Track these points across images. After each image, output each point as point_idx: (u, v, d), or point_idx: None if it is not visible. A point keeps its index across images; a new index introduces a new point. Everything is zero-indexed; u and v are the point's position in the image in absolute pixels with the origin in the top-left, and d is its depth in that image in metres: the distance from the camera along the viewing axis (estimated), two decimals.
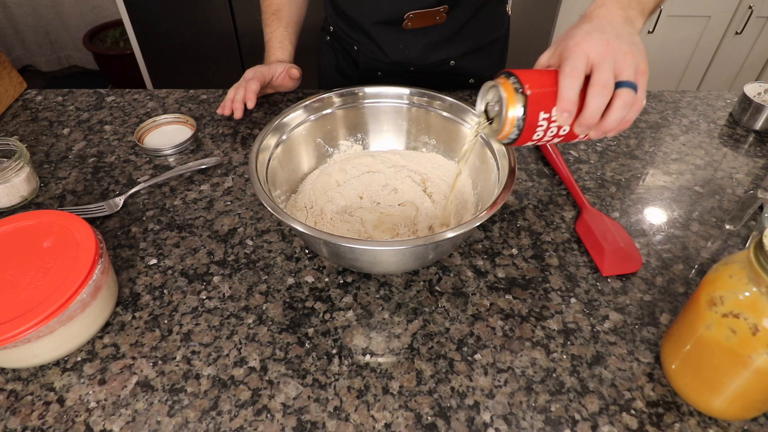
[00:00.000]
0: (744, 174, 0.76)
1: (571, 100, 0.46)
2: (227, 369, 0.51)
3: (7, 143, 0.70)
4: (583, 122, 0.47)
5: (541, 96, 0.47)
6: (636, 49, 0.47)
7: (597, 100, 0.45)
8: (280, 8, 0.92)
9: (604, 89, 0.45)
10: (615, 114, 0.46)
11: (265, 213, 0.68)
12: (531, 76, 0.47)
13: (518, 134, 0.49)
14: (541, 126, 0.48)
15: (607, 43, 0.46)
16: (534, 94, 0.46)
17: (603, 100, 0.45)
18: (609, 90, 0.45)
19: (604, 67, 0.45)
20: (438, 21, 0.85)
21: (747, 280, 0.41)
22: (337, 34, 0.97)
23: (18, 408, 0.47)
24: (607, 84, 0.45)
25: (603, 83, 0.45)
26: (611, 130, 0.48)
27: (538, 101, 0.47)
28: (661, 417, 0.47)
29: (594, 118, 0.46)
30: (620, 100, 0.46)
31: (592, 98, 0.45)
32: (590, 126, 0.47)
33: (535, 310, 0.56)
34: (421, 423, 0.47)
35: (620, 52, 0.46)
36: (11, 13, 2.38)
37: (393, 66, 0.92)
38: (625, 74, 0.46)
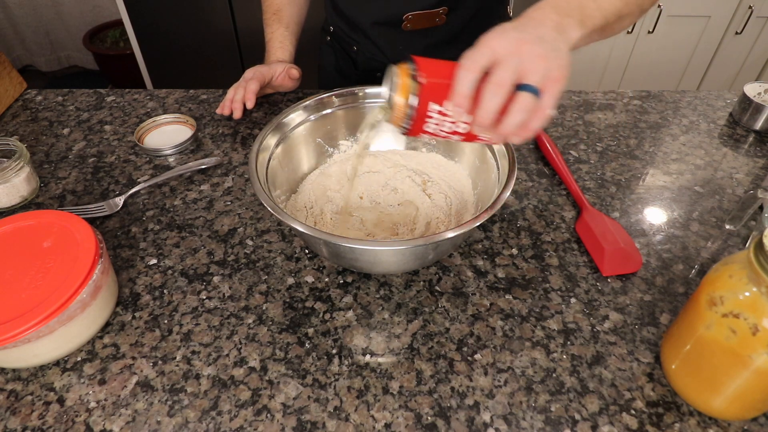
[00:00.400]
0: (744, 174, 0.76)
1: (463, 94, 0.43)
2: (227, 369, 0.51)
3: (7, 143, 0.70)
4: (477, 121, 0.44)
5: (434, 86, 0.44)
6: (554, 56, 0.44)
7: (490, 99, 0.42)
8: (280, 8, 0.92)
9: (499, 88, 0.42)
10: (511, 118, 0.43)
11: (265, 213, 0.68)
12: (431, 65, 0.45)
13: (409, 123, 0.46)
14: (433, 119, 0.46)
15: (519, 42, 0.43)
16: (428, 84, 0.44)
17: (497, 99, 0.42)
18: (504, 90, 0.42)
19: (505, 66, 0.42)
20: (438, 23, 0.85)
21: (747, 280, 0.41)
22: (336, 35, 0.97)
23: (18, 408, 0.47)
24: (503, 83, 0.42)
25: (498, 82, 0.42)
26: (509, 134, 0.45)
27: (430, 91, 0.44)
28: (661, 417, 0.47)
29: (488, 117, 0.43)
30: (517, 103, 0.43)
31: (485, 96, 0.43)
32: (485, 126, 0.44)
33: (535, 310, 0.56)
34: (421, 423, 0.47)
35: (531, 55, 0.43)
36: (11, 13, 2.38)
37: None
38: (530, 78, 0.43)
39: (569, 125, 0.85)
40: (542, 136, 0.79)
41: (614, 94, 0.94)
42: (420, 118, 0.46)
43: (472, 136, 0.48)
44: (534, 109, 0.43)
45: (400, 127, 0.48)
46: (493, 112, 0.43)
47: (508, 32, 0.44)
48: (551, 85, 0.43)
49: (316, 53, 1.07)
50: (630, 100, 0.92)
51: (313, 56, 1.08)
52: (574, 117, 0.87)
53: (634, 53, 1.91)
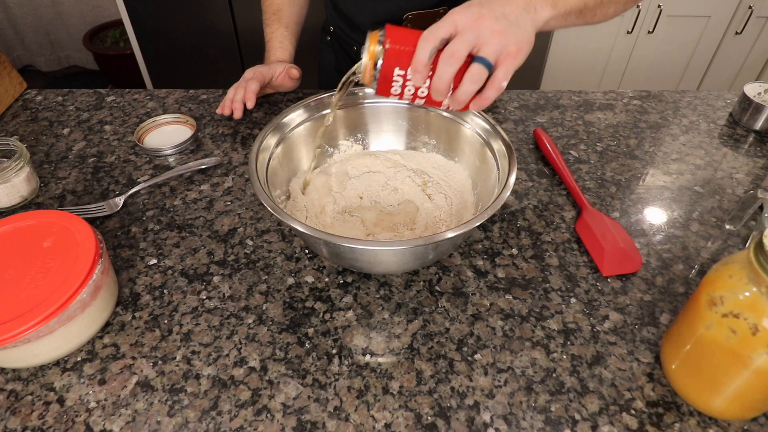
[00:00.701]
0: (744, 174, 0.76)
1: (421, 62, 0.47)
2: (227, 369, 0.51)
3: (7, 143, 0.70)
4: (434, 87, 0.49)
5: (397, 52, 0.49)
6: (513, 32, 0.47)
7: (443, 68, 0.47)
8: (280, 8, 0.92)
9: (451, 58, 0.46)
10: (463, 86, 0.48)
11: (265, 213, 0.68)
12: (397, 33, 0.50)
13: (375, 84, 0.51)
14: (397, 81, 0.51)
15: (478, 17, 0.47)
16: (391, 49, 0.49)
17: (449, 68, 0.47)
18: (456, 60, 0.47)
19: (461, 38, 0.47)
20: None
21: (747, 280, 0.41)
22: (337, 35, 0.97)
23: (18, 408, 0.47)
24: (455, 54, 0.46)
25: (451, 52, 0.47)
26: (464, 102, 0.49)
27: (393, 56, 0.49)
28: (661, 417, 0.47)
29: (442, 84, 0.48)
30: (469, 74, 0.47)
31: (440, 65, 0.47)
32: (441, 92, 0.49)
33: (535, 310, 0.56)
34: (421, 423, 0.47)
35: (488, 29, 0.46)
36: (11, 13, 2.39)
37: None
38: (484, 51, 0.47)
39: (569, 125, 0.85)
40: (542, 136, 0.79)
41: (614, 94, 0.94)
42: (385, 80, 0.51)
43: (433, 102, 0.52)
44: (484, 80, 0.47)
45: (370, 86, 0.53)
46: (446, 79, 0.48)
47: (472, 7, 0.48)
48: (506, 60, 0.47)
49: (316, 53, 1.07)
50: (630, 100, 0.92)
51: (313, 56, 1.08)
52: (574, 117, 0.87)
53: (634, 53, 1.91)
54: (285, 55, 0.91)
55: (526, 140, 0.82)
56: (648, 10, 1.78)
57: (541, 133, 0.79)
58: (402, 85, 0.51)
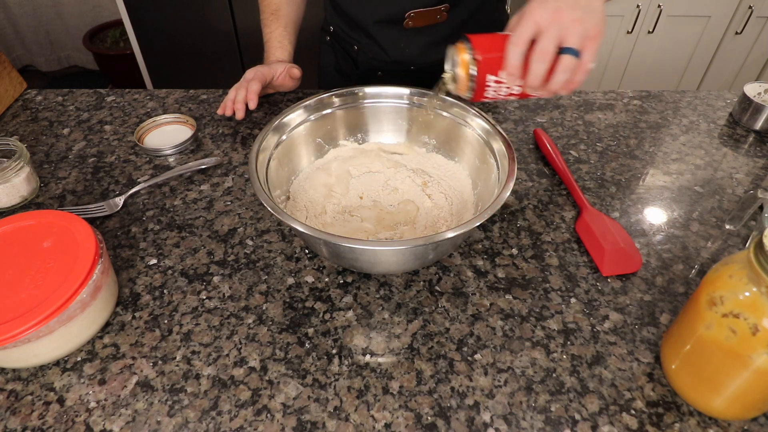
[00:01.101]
0: (744, 174, 0.76)
1: (514, 66, 0.52)
2: (227, 369, 0.51)
3: (7, 143, 0.70)
4: (529, 84, 0.53)
5: (489, 61, 0.53)
6: (589, 16, 0.50)
7: (537, 66, 0.51)
8: (279, 8, 0.92)
9: (544, 56, 0.50)
10: (557, 77, 0.51)
11: (265, 213, 0.68)
12: (483, 42, 0.54)
13: (472, 92, 0.56)
14: (491, 86, 0.55)
15: (556, 11, 0.50)
16: (483, 59, 0.53)
17: (543, 65, 0.51)
18: (548, 57, 0.50)
19: (547, 35, 0.50)
20: (439, 20, 0.85)
21: (747, 280, 0.41)
22: (337, 34, 0.97)
23: (18, 408, 0.47)
24: (546, 51, 0.50)
25: (542, 50, 0.50)
26: (556, 91, 0.53)
27: (486, 65, 0.53)
28: (661, 417, 0.47)
29: (537, 81, 0.52)
30: (561, 65, 0.51)
31: (533, 64, 0.51)
32: (536, 87, 0.53)
33: (535, 310, 0.56)
34: (421, 423, 0.47)
35: (568, 20, 0.50)
36: (11, 13, 2.38)
37: (393, 65, 0.92)
38: (570, 41, 0.50)
39: (569, 125, 0.85)
40: (542, 136, 0.79)
41: (614, 94, 0.94)
42: (480, 87, 0.55)
43: (525, 95, 0.57)
44: (576, 68, 0.51)
45: (465, 94, 0.57)
46: (541, 76, 0.51)
47: (547, 3, 0.51)
48: (589, 43, 0.51)
49: (315, 53, 1.07)
50: (630, 100, 0.92)
51: (313, 56, 1.08)
52: (574, 117, 0.87)
53: (634, 53, 1.91)
54: (284, 55, 0.91)
55: (526, 140, 0.82)
56: (648, 10, 1.78)
57: (541, 133, 0.79)
58: (496, 88, 0.55)
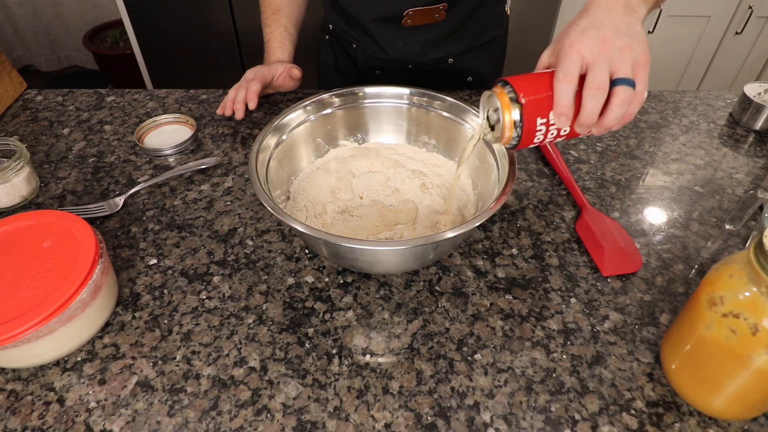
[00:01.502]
0: (744, 174, 0.76)
1: (566, 105, 0.46)
2: (227, 369, 0.51)
3: (7, 143, 0.70)
4: (581, 123, 0.47)
5: (536, 103, 0.47)
6: (635, 41, 0.46)
7: (592, 102, 0.46)
8: (280, 8, 0.92)
9: (598, 91, 0.45)
10: (613, 112, 0.46)
11: (265, 213, 0.68)
12: (525, 83, 0.48)
13: (518, 140, 0.49)
14: (540, 130, 0.49)
15: (602, 41, 0.45)
16: (529, 102, 0.47)
17: (598, 101, 0.46)
18: (603, 91, 0.45)
19: (598, 68, 0.45)
20: (437, 19, 0.85)
21: (747, 280, 0.41)
22: (336, 33, 0.97)
23: (18, 408, 0.47)
24: (601, 86, 0.45)
25: (597, 85, 0.45)
26: (612, 126, 0.48)
27: (533, 108, 0.48)
28: (661, 417, 0.47)
29: (591, 119, 0.46)
30: (617, 98, 0.46)
31: (587, 100, 0.46)
32: (590, 126, 0.48)
33: (535, 310, 0.56)
34: (421, 423, 0.47)
35: (616, 49, 0.45)
36: (11, 13, 2.38)
37: (392, 64, 0.92)
38: (622, 71, 0.45)
39: None
40: None
41: None
42: (528, 133, 0.49)
43: (575, 134, 0.51)
44: (630, 99, 0.46)
45: (509, 144, 0.51)
46: (596, 112, 0.46)
47: (588, 32, 0.46)
48: (641, 70, 0.46)
49: (315, 53, 1.07)
50: None
51: (313, 56, 1.08)
52: None
53: None
54: (285, 55, 0.91)
55: None
56: None
57: None
58: (545, 132, 0.49)
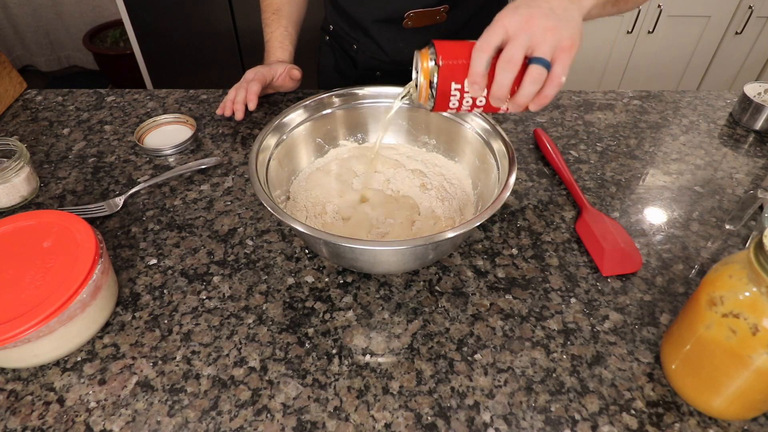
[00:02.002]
0: (744, 174, 0.76)
1: (479, 73, 0.47)
2: (227, 369, 0.51)
3: (7, 143, 0.70)
4: (493, 95, 0.48)
5: (452, 67, 0.49)
6: (564, 26, 0.47)
7: (502, 75, 0.46)
8: (280, 8, 0.92)
9: (509, 64, 0.46)
10: (524, 89, 0.47)
11: (265, 213, 0.68)
12: (448, 48, 0.49)
13: (434, 102, 0.51)
14: (455, 95, 0.50)
15: (528, 18, 0.46)
16: (445, 65, 0.48)
17: (509, 75, 0.46)
18: (514, 65, 0.46)
19: (515, 43, 0.46)
20: (438, 21, 0.85)
21: (747, 280, 0.41)
22: (336, 34, 0.97)
23: (18, 408, 0.47)
24: (513, 59, 0.46)
25: (508, 58, 0.46)
26: (524, 104, 0.49)
27: (448, 72, 0.49)
28: (661, 417, 0.47)
29: (502, 91, 0.47)
30: (529, 76, 0.47)
31: (498, 72, 0.47)
32: (501, 99, 0.48)
33: (535, 310, 0.56)
34: (421, 423, 0.47)
35: (540, 29, 0.46)
36: (11, 13, 2.38)
37: (392, 65, 0.92)
38: (540, 50, 0.46)
39: (569, 125, 0.85)
40: (542, 136, 0.79)
41: (614, 94, 0.94)
42: (442, 96, 0.50)
43: (491, 108, 0.52)
44: (545, 79, 0.47)
45: (426, 105, 0.53)
46: (506, 86, 0.47)
47: (519, 9, 0.48)
48: (562, 54, 0.47)
49: (315, 53, 1.07)
50: (630, 100, 0.92)
51: (313, 56, 1.08)
52: (574, 117, 0.87)
53: (634, 53, 1.91)
54: (285, 55, 0.91)
55: (526, 140, 0.82)
56: (648, 10, 1.78)
57: (541, 133, 0.79)
58: (459, 98, 0.50)
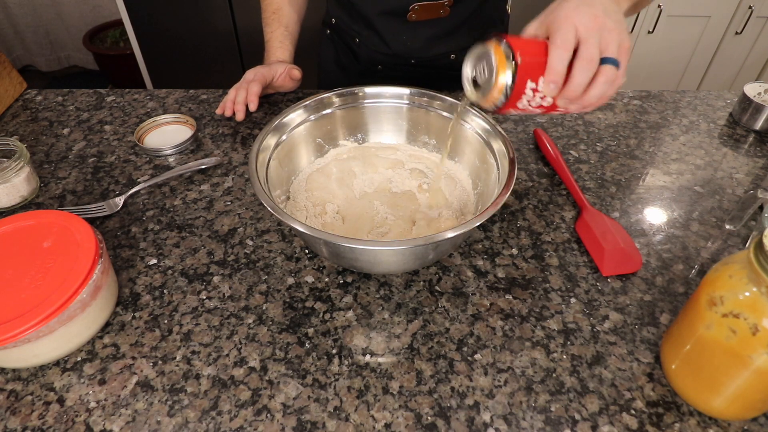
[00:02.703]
0: (744, 174, 0.76)
1: (560, 72, 0.46)
2: (227, 369, 0.51)
3: (7, 143, 0.70)
4: (566, 95, 0.48)
5: (530, 65, 0.47)
6: (620, 27, 0.48)
7: (582, 74, 0.46)
8: (280, 7, 0.92)
9: (590, 64, 0.46)
10: (597, 89, 0.47)
11: (265, 213, 0.68)
12: (521, 43, 0.47)
13: (504, 102, 0.49)
14: (526, 95, 0.48)
15: (594, 17, 0.46)
16: (524, 62, 0.46)
17: (588, 74, 0.46)
18: (594, 65, 0.46)
19: (591, 42, 0.46)
20: (442, 14, 0.85)
21: (747, 280, 0.41)
22: (338, 27, 0.97)
23: (18, 408, 0.47)
24: (593, 59, 0.46)
25: (589, 58, 0.46)
26: (591, 105, 0.49)
27: (527, 69, 0.47)
28: (661, 417, 0.47)
29: (578, 91, 0.47)
30: (603, 76, 0.47)
31: (578, 72, 0.46)
32: (573, 99, 0.48)
33: (535, 310, 0.56)
34: (421, 423, 0.47)
35: (606, 29, 0.46)
36: (11, 13, 2.38)
37: (394, 59, 0.92)
38: (610, 50, 0.46)
39: (569, 125, 0.85)
40: (542, 135, 0.79)
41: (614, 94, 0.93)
42: (515, 96, 0.48)
43: (553, 108, 0.51)
44: (614, 79, 0.47)
45: (491, 105, 0.50)
46: (583, 86, 0.47)
47: (581, 8, 0.47)
48: (624, 54, 0.47)
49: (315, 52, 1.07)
50: (630, 100, 0.92)
51: (313, 55, 1.08)
52: (574, 117, 0.87)
53: (634, 53, 1.91)
54: (285, 55, 0.91)
55: (526, 140, 0.82)
56: (648, 10, 1.78)
57: (541, 132, 0.79)
58: (531, 97, 0.49)
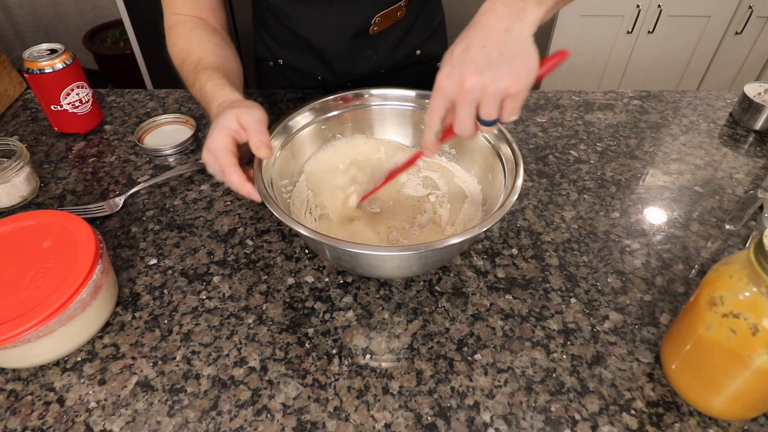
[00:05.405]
0: (744, 174, 0.76)
1: (433, 143, 0.52)
2: (227, 369, 0.51)
3: (7, 143, 0.70)
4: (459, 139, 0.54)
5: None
6: (505, 72, 0.44)
7: (461, 133, 0.49)
8: (201, 57, 0.68)
9: (464, 131, 0.49)
10: (484, 132, 0.54)
11: (265, 213, 0.68)
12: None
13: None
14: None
15: (461, 82, 0.45)
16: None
17: (467, 135, 0.49)
18: (469, 130, 0.49)
19: (461, 114, 0.48)
20: (399, 17, 0.84)
21: (747, 280, 0.41)
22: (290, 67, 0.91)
23: (18, 408, 0.47)
24: (465, 130, 0.49)
25: (460, 130, 0.49)
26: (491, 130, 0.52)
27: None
28: (661, 417, 0.47)
29: (467, 137, 0.51)
30: (482, 130, 0.50)
31: (457, 131, 0.49)
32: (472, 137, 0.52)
33: (535, 310, 0.56)
34: (421, 423, 0.47)
35: (477, 89, 0.45)
36: (11, 13, 2.39)
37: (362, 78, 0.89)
38: (484, 112, 0.47)
39: (569, 125, 0.85)
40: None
41: (614, 94, 0.94)
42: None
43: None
44: (492, 130, 0.51)
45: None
46: (468, 137, 0.50)
47: (454, 69, 0.46)
48: (509, 102, 0.46)
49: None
50: (630, 100, 0.92)
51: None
52: (574, 117, 0.87)
53: (634, 53, 1.91)
54: (236, 95, 0.59)
55: (526, 140, 0.82)
56: (648, 10, 1.78)
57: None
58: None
